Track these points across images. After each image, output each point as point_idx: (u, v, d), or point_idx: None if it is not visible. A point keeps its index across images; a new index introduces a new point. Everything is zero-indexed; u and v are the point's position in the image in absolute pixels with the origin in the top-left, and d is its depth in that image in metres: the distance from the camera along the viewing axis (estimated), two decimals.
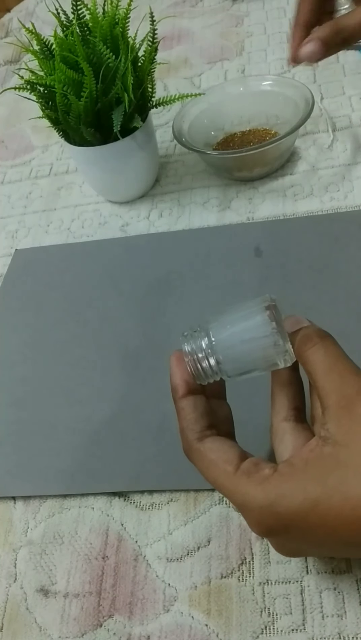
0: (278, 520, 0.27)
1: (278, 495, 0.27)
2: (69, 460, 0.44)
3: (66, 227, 0.65)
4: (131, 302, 0.54)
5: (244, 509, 0.28)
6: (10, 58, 0.98)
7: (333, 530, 0.26)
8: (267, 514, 0.27)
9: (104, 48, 0.53)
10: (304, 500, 0.26)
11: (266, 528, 0.27)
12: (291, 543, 0.29)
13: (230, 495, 0.29)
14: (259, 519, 0.27)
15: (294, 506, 0.26)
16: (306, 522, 0.26)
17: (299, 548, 0.30)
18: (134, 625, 0.37)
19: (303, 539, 0.27)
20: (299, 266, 0.52)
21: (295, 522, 0.26)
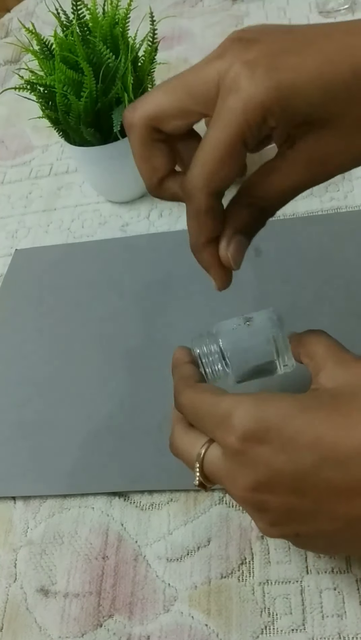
0: (263, 421, 0.25)
1: (266, 399, 0.26)
2: (69, 460, 0.44)
3: (66, 227, 0.65)
4: (131, 302, 0.54)
5: (226, 417, 0.26)
6: (10, 58, 0.98)
7: (318, 437, 0.25)
8: (253, 413, 0.26)
9: (104, 48, 0.53)
10: (293, 404, 0.26)
11: (245, 431, 0.26)
12: (266, 461, 0.26)
13: (214, 406, 0.28)
14: (242, 420, 0.26)
15: (282, 408, 0.26)
16: (291, 426, 0.25)
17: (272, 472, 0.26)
18: (134, 625, 0.37)
19: (282, 450, 0.25)
20: (299, 266, 0.52)
21: (280, 425, 0.25)
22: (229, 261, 0.29)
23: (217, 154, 0.25)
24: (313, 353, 0.30)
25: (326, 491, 0.25)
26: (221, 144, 0.25)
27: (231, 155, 0.25)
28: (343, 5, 0.76)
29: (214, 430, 0.28)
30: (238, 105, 0.24)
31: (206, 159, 0.26)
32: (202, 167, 0.26)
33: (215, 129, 0.25)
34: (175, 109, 0.27)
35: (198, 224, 0.28)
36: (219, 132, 0.25)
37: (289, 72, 0.24)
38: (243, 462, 0.26)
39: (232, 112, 0.24)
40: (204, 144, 0.26)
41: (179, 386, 0.32)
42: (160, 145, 0.28)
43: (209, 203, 0.27)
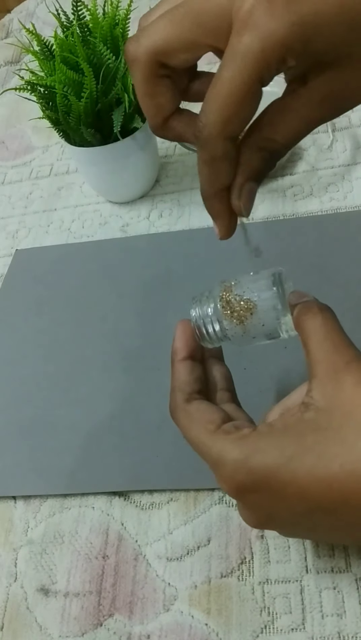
0: (250, 475, 0.26)
1: (253, 450, 0.26)
2: (69, 459, 0.44)
3: (66, 227, 0.65)
4: (131, 302, 0.54)
5: (218, 465, 0.27)
6: (10, 59, 0.98)
7: (304, 490, 0.25)
8: (240, 467, 0.26)
9: (105, 49, 0.53)
10: (278, 456, 0.26)
11: (237, 484, 0.27)
12: (261, 506, 0.27)
13: (207, 451, 0.28)
14: (231, 473, 0.27)
15: (268, 461, 0.26)
16: (277, 478, 0.26)
17: (269, 514, 0.28)
18: (134, 625, 0.37)
19: (273, 498, 0.26)
20: (299, 266, 0.52)
21: (267, 478, 0.26)
22: (242, 210, 0.28)
23: (234, 97, 0.23)
24: (307, 344, 0.29)
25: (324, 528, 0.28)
26: (238, 86, 0.23)
27: (249, 97, 0.23)
28: None
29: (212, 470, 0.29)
30: (256, 43, 0.22)
31: (222, 102, 0.24)
32: (218, 112, 0.24)
33: (230, 69, 0.23)
34: (183, 42, 0.24)
35: (212, 170, 0.27)
36: (236, 73, 0.23)
37: (310, 5, 0.21)
38: (241, 505, 0.29)
39: (249, 50, 0.22)
40: (218, 86, 0.23)
41: (171, 401, 0.32)
42: (165, 81, 0.26)
43: (226, 148, 0.25)
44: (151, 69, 0.25)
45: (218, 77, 0.23)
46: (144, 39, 0.25)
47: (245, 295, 0.31)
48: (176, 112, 0.28)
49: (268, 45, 0.22)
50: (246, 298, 0.31)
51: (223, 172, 0.27)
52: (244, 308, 0.31)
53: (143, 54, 0.25)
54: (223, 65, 0.23)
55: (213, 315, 0.32)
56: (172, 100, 0.27)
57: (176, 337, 0.33)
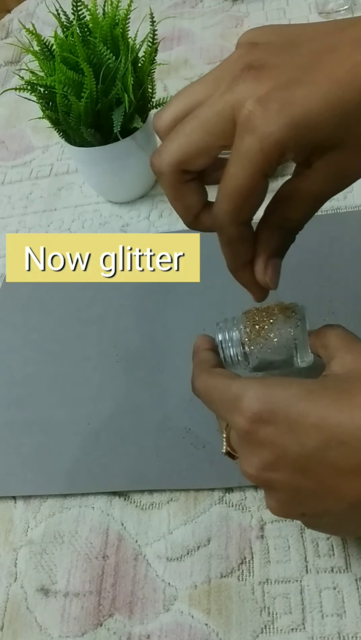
0: (269, 405, 0.27)
1: (274, 383, 0.27)
2: (69, 460, 0.44)
3: (66, 227, 0.65)
4: (131, 302, 0.54)
5: (237, 398, 0.28)
6: (10, 59, 0.98)
7: (323, 418, 0.25)
8: (260, 397, 0.27)
9: (105, 49, 0.53)
10: (299, 389, 0.27)
11: (254, 413, 0.27)
12: (272, 442, 0.27)
13: (226, 390, 0.29)
14: (250, 403, 0.27)
15: (289, 392, 0.27)
16: (298, 408, 0.26)
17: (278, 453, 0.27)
18: (134, 625, 0.37)
19: (289, 431, 0.26)
20: (298, 266, 0.52)
21: (286, 407, 0.26)
22: (268, 284, 0.31)
23: (240, 191, 0.26)
24: (327, 343, 0.32)
25: (331, 472, 0.26)
26: (243, 181, 0.26)
27: (253, 189, 0.26)
28: (343, 6, 0.76)
29: (226, 413, 0.29)
30: (255, 144, 0.25)
31: (230, 195, 0.27)
32: (227, 204, 0.27)
33: (235, 167, 0.26)
34: (198, 150, 0.27)
35: (232, 251, 0.30)
36: (240, 170, 0.26)
37: (301, 107, 0.24)
38: (251, 443, 0.28)
39: (250, 150, 0.25)
40: (226, 181, 0.27)
41: (195, 371, 0.33)
42: (191, 185, 0.29)
43: (239, 232, 0.29)
44: (176, 178, 0.29)
45: (226, 173, 0.27)
46: (165, 153, 0.28)
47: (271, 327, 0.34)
48: (205, 207, 0.31)
49: (266, 145, 0.24)
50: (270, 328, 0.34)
51: (242, 252, 0.30)
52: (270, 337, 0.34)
53: (166, 167, 0.28)
54: (230, 163, 0.26)
55: (238, 341, 0.35)
56: (198, 199, 0.30)
57: (198, 340, 0.36)
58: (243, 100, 0.25)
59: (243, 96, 0.25)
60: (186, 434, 0.43)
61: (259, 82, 0.25)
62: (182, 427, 0.44)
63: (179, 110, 0.28)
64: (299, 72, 0.25)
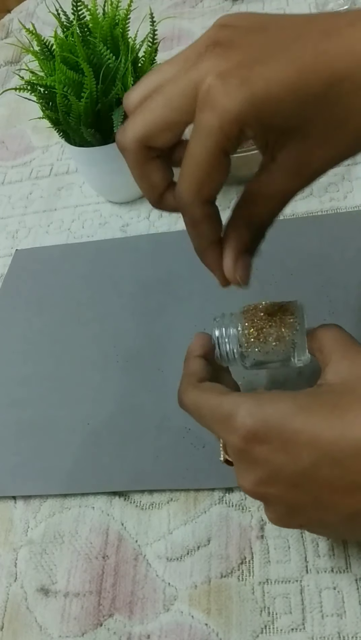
0: (263, 423, 0.27)
1: (267, 400, 0.27)
2: (69, 460, 0.44)
3: (66, 227, 0.65)
4: (131, 302, 0.54)
5: (230, 415, 0.28)
6: (10, 59, 0.98)
7: (316, 436, 0.26)
8: (253, 415, 0.27)
9: (105, 49, 0.53)
10: (292, 406, 0.27)
11: (248, 431, 0.27)
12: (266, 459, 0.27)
13: (218, 406, 0.29)
14: (243, 421, 0.27)
15: (282, 410, 0.27)
16: (291, 426, 0.26)
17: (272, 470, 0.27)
18: (134, 625, 0.37)
19: (282, 449, 0.26)
20: (298, 266, 0.52)
21: (280, 425, 0.26)
22: (239, 282, 0.30)
23: (201, 167, 0.26)
24: (322, 346, 0.32)
25: (325, 488, 0.26)
26: (202, 157, 0.26)
27: (214, 166, 0.26)
28: (343, 6, 0.76)
29: (219, 431, 0.29)
30: (214, 119, 0.24)
31: (191, 172, 0.27)
32: (189, 181, 0.27)
33: (195, 143, 0.26)
34: (161, 125, 0.27)
35: (197, 231, 0.30)
36: (200, 146, 0.25)
37: (261, 84, 0.24)
38: (246, 460, 0.28)
39: (209, 126, 0.25)
40: (187, 159, 0.26)
41: (183, 384, 0.33)
42: (155, 162, 0.29)
43: (203, 211, 0.28)
44: (139, 154, 0.28)
45: (187, 150, 0.26)
46: (129, 129, 0.27)
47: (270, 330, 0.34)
48: (170, 186, 0.30)
49: (225, 120, 0.24)
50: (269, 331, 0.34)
51: (206, 232, 0.30)
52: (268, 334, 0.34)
53: (130, 143, 0.28)
54: (190, 140, 0.26)
55: (234, 337, 0.35)
56: (163, 177, 0.29)
57: (193, 341, 0.35)
58: (205, 75, 0.25)
59: (206, 71, 0.25)
60: (186, 434, 0.43)
61: (223, 59, 0.25)
62: (182, 427, 0.44)
63: (147, 89, 0.28)
64: (264, 53, 0.24)
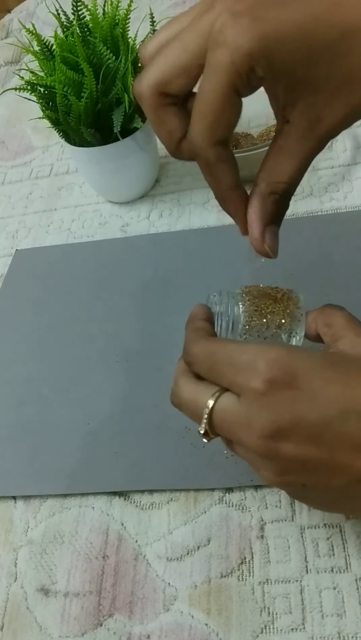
0: (293, 367, 0.26)
1: (298, 350, 0.27)
2: (69, 460, 0.44)
3: (66, 227, 0.65)
4: (131, 302, 0.54)
5: (253, 360, 0.27)
6: (10, 59, 0.98)
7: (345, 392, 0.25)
8: (282, 360, 0.26)
9: (105, 49, 0.53)
10: (323, 359, 0.27)
11: (274, 375, 0.26)
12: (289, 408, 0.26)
13: (239, 352, 0.28)
14: (271, 364, 0.26)
15: (314, 359, 0.27)
16: (322, 376, 0.26)
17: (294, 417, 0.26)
18: (134, 625, 0.37)
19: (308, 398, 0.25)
20: (298, 266, 0.52)
21: (310, 373, 0.26)
22: (268, 253, 0.31)
23: (213, 106, 0.26)
24: (333, 322, 0.32)
25: (346, 444, 0.25)
26: (214, 95, 0.25)
27: (226, 105, 0.26)
28: None
29: (235, 376, 0.27)
30: (226, 56, 0.25)
31: (203, 112, 0.26)
32: (201, 121, 0.27)
33: (207, 81, 0.26)
34: (177, 69, 0.27)
35: (213, 175, 0.29)
36: (212, 84, 0.25)
37: (273, 23, 0.24)
38: (265, 406, 0.26)
39: (221, 63, 0.25)
40: (199, 98, 0.26)
41: (192, 336, 0.32)
42: (172, 109, 0.29)
43: (217, 153, 0.28)
44: (156, 101, 0.28)
45: (199, 90, 0.26)
46: (145, 76, 0.28)
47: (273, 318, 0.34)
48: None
49: (236, 57, 0.24)
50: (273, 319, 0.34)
51: (223, 175, 0.29)
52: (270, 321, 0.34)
53: (146, 90, 0.28)
54: (202, 79, 0.26)
55: (235, 316, 0.34)
56: (180, 124, 0.29)
57: (195, 309, 0.35)
58: (218, 15, 0.25)
59: (219, 12, 0.25)
60: (186, 434, 0.43)
61: (237, 1, 0.25)
62: (182, 427, 0.44)
63: (164, 38, 0.28)
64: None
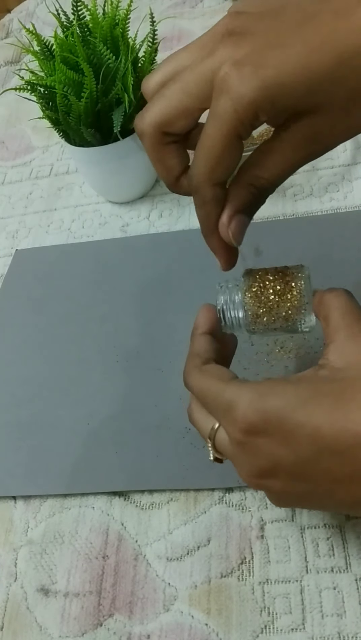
0: (264, 415, 0.27)
1: (268, 392, 0.27)
2: (69, 460, 0.44)
3: (66, 227, 0.65)
4: (131, 302, 0.54)
5: (231, 406, 0.28)
6: (10, 59, 0.98)
7: (317, 430, 0.25)
8: (254, 407, 0.27)
9: (105, 49, 0.53)
10: (294, 398, 0.27)
11: (249, 424, 0.27)
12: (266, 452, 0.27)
13: (220, 395, 0.29)
14: (244, 412, 0.27)
15: (284, 402, 0.27)
16: (292, 419, 0.26)
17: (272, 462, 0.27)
18: (134, 625, 0.37)
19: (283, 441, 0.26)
20: None
21: (281, 418, 0.26)
22: (230, 239, 0.31)
23: (215, 151, 0.27)
24: (329, 318, 0.31)
25: (326, 479, 0.26)
26: (217, 141, 0.27)
27: (228, 150, 0.27)
28: None
29: (220, 419, 0.29)
30: (229, 105, 0.26)
31: (205, 155, 0.28)
32: (203, 163, 0.28)
33: (211, 127, 0.27)
34: (178, 111, 0.28)
35: (205, 212, 0.30)
36: (215, 130, 0.26)
37: (274, 69, 0.25)
38: (246, 452, 0.28)
39: (224, 111, 0.26)
40: (202, 142, 0.27)
41: (188, 365, 0.33)
42: (171, 147, 0.30)
43: (214, 193, 0.29)
44: (157, 139, 0.29)
45: (202, 134, 0.27)
46: (147, 115, 0.29)
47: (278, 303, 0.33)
48: (186, 170, 0.31)
49: (239, 106, 0.25)
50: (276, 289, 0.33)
51: (215, 213, 0.30)
52: (273, 300, 0.33)
53: (147, 128, 0.29)
54: (206, 124, 0.27)
55: (240, 303, 0.34)
56: (179, 162, 0.31)
57: (199, 314, 0.35)
58: (221, 63, 0.26)
59: (221, 60, 0.26)
60: (186, 434, 0.43)
61: (238, 47, 0.26)
62: (182, 427, 0.44)
63: (165, 75, 0.29)
64: (277, 37, 0.26)
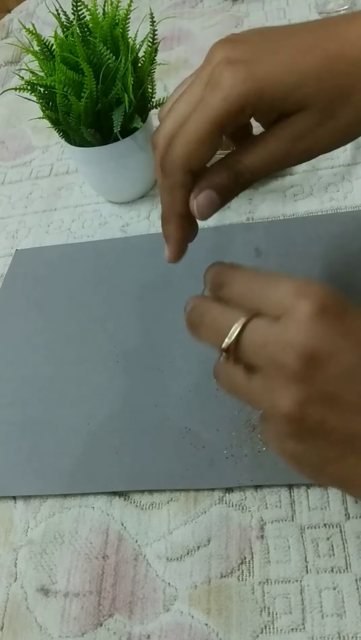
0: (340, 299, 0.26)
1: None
2: (69, 460, 0.44)
3: (66, 227, 0.65)
4: (131, 302, 0.54)
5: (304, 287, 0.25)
6: (10, 59, 0.98)
7: None
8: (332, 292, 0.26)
9: (105, 49, 0.53)
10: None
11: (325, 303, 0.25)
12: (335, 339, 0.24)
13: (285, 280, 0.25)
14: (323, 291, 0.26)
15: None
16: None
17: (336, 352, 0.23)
18: (134, 625, 0.37)
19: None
20: (298, 266, 0.52)
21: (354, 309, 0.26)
22: (194, 211, 0.31)
23: (197, 137, 0.28)
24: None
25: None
26: (201, 128, 0.28)
27: (209, 139, 0.28)
28: (343, 6, 0.76)
29: (282, 298, 0.25)
30: (219, 96, 0.27)
31: (186, 139, 0.29)
32: (183, 147, 0.29)
33: (198, 115, 0.28)
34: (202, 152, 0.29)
35: (171, 197, 0.31)
36: (202, 117, 0.28)
37: (265, 66, 0.27)
38: (312, 329, 0.23)
39: (214, 101, 0.27)
40: (186, 126, 0.29)
41: (226, 264, 0.31)
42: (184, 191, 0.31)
43: (185, 180, 0.30)
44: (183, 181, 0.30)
45: (189, 119, 0.29)
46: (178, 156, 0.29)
47: None
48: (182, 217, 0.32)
49: (228, 97, 0.27)
50: None
51: (180, 199, 0.31)
52: None
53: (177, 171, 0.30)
54: (194, 113, 0.29)
55: None
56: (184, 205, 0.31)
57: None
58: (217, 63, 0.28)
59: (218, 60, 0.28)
60: (186, 434, 0.43)
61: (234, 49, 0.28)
62: (182, 427, 0.44)
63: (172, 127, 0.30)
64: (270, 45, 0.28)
